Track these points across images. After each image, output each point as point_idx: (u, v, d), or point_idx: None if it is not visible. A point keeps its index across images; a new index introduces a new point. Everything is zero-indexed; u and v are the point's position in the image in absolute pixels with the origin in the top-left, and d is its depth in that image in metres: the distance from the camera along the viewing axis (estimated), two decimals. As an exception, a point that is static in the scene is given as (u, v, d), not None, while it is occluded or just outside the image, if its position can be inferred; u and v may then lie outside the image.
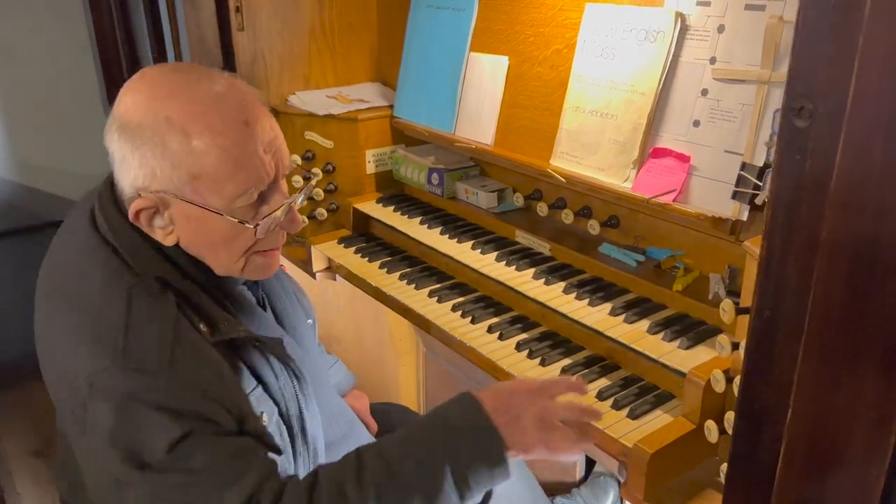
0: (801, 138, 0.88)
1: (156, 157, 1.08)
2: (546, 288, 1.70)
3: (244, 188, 1.11)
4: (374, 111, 2.31)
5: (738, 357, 1.20)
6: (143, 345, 1.05)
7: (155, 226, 1.15)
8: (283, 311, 1.39)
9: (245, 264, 1.21)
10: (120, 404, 1.02)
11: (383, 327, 2.98)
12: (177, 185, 1.10)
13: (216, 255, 1.19)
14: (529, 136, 1.83)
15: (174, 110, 1.08)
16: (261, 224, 1.16)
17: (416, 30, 2.19)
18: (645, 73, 1.55)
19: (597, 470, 2.36)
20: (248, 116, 1.12)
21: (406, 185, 2.33)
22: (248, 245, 1.19)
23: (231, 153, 1.09)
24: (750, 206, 1.38)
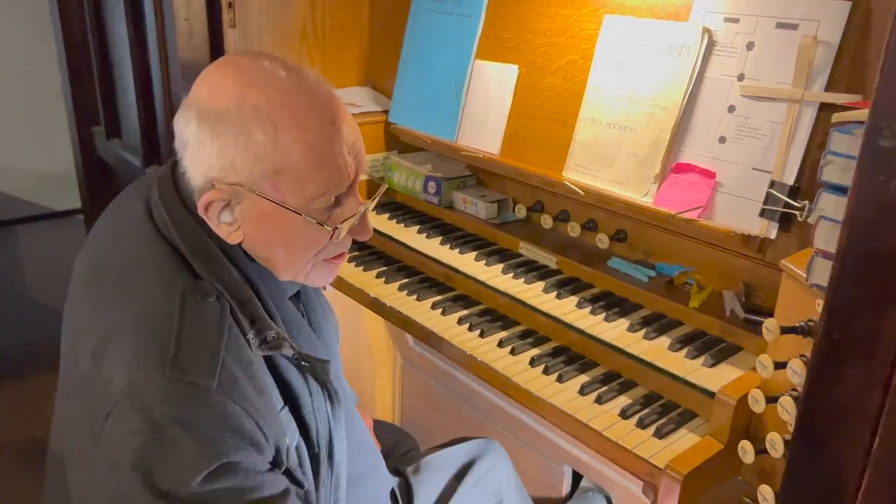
0: (886, 158, 0.87)
1: (238, 147, 1.01)
2: (558, 302, 1.67)
3: (325, 189, 1.04)
4: (367, 116, 2.24)
5: (781, 377, 1.19)
6: (194, 356, 0.96)
7: (221, 221, 1.07)
8: (319, 327, 1.30)
9: (311, 269, 1.14)
10: (157, 422, 0.92)
11: (361, 339, 2.90)
12: (256, 179, 1.03)
13: (285, 256, 1.10)
14: (539, 147, 1.80)
15: (262, 100, 1.01)
16: (340, 227, 1.08)
17: (417, 34, 2.14)
18: (668, 88, 1.54)
19: (584, 485, 2.33)
20: (335, 115, 1.05)
21: (399, 192, 2.27)
22: (318, 249, 1.11)
23: (316, 150, 1.02)
24: (779, 225, 1.38)
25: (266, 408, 1.01)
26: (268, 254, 1.11)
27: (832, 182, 1.09)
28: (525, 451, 2.31)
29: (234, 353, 0.99)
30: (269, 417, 1.01)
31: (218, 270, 1.05)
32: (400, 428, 1.91)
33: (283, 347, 1.06)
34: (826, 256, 1.11)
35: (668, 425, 1.39)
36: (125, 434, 0.93)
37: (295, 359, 1.10)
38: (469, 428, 2.54)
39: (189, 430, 0.92)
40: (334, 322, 1.43)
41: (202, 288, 1.03)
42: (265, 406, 1.01)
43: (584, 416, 1.43)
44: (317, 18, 2.33)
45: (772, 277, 1.53)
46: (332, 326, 1.38)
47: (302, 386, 1.12)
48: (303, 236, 1.08)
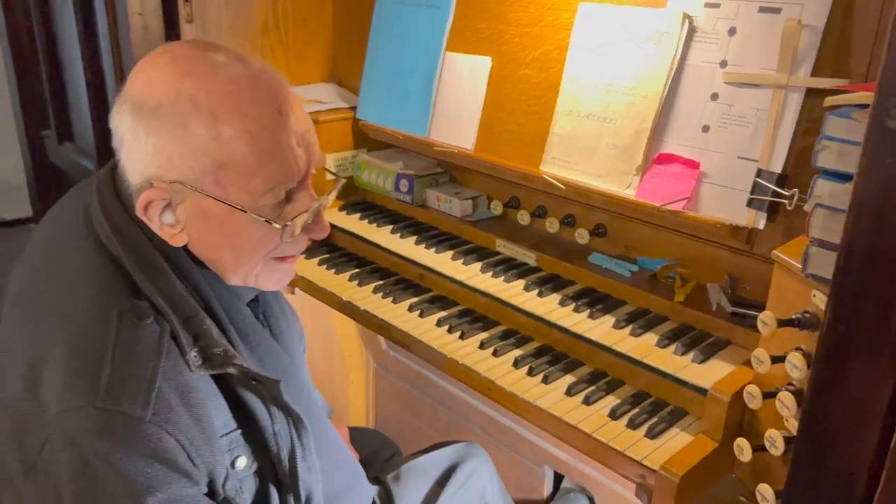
0: (894, 140, 0.83)
1: (176, 141, 0.94)
2: (540, 300, 1.61)
3: (273, 183, 0.97)
4: (333, 113, 2.16)
5: (776, 371, 1.15)
6: (128, 384, 0.90)
7: (164, 222, 1.00)
8: (281, 334, 1.23)
9: (261, 271, 1.06)
10: (86, 458, 0.87)
11: (333, 343, 2.82)
12: (197, 176, 0.96)
13: (232, 259, 1.03)
14: (516, 141, 1.74)
15: (201, 90, 0.94)
16: (289, 225, 1.00)
17: (383, 27, 2.07)
18: (648, 76, 1.49)
19: (565, 486, 2.29)
20: (281, 103, 0.97)
21: (369, 191, 2.19)
22: (269, 249, 1.03)
23: (261, 142, 0.95)
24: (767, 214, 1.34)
25: (202, 438, 0.94)
26: (214, 256, 1.03)
27: (828, 168, 1.05)
28: (504, 453, 2.26)
29: (172, 380, 0.93)
30: (204, 448, 0.94)
31: (161, 283, 0.98)
32: (381, 433, 1.84)
33: (229, 365, 0.98)
34: (822, 245, 1.07)
35: (659, 425, 1.35)
36: (59, 466, 0.89)
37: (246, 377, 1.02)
38: (447, 432, 2.48)
39: (117, 466, 0.87)
40: (299, 329, 1.35)
41: (139, 309, 0.96)
42: (201, 436, 0.94)
43: (573, 418, 1.37)
44: (279, 12, 2.24)
45: (757, 269, 1.50)
46: (296, 333, 1.30)
47: (260, 408, 1.03)
48: (251, 236, 1.00)
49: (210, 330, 1.00)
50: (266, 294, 1.22)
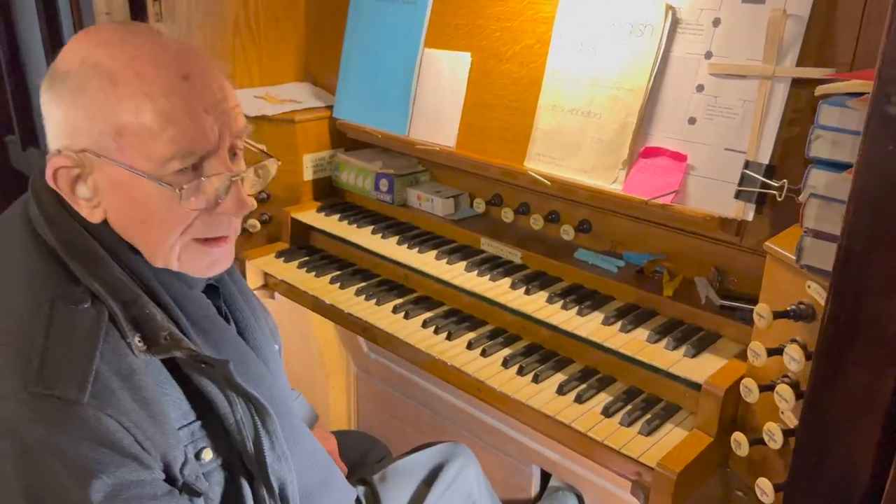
0: (895, 127, 0.82)
1: (77, 106, 0.94)
2: (528, 298, 1.59)
3: (175, 149, 0.94)
4: (309, 112, 2.12)
5: (772, 364, 1.14)
6: (62, 369, 0.90)
7: (79, 196, 0.99)
8: (247, 328, 1.20)
9: (182, 252, 1.02)
10: (26, 446, 0.86)
11: (312, 347, 2.77)
12: (98, 142, 0.95)
13: (148, 235, 1.00)
14: (498, 137, 1.72)
15: (105, 57, 0.94)
16: (186, 188, 0.96)
17: (359, 24, 2.03)
18: (632, 69, 1.48)
19: (553, 484, 2.27)
20: (189, 70, 0.95)
21: (348, 192, 2.15)
22: (185, 225, 1.00)
23: (160, 106, 0.93)
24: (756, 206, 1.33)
25: (150, 421, 0.93)
26: (131, 232, 1.01)
27: (822, 157, 1.04)
28: (491, 453, 2.24)
29: (112, 363, 0.92)
30: (154, 431, 0.92)
31: (98, 271, 0.97)
32: (370, 435, 1.81)
33: (175, 349, 0.96)
34: (817, 236, 1.06)
35: (653, 421, 1.33)
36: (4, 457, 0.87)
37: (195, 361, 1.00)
38: (431, 434, 2.44)
39: (57, 451, 0.86)
40: (272, 326, 1.32)
41: (74, 295, 0.95)
42: (149, 419, 0.92)
43: (566, 417, 1.35)
44: (250, 11, 2.19)
45: (744, 261, 1.49)
46: (267, 330, 1.27)
47: (217, 395, 1.01)
48: (160, 208, 0.98)
49: (153, 314, 0.98)
50: (228, 286, 1.20)
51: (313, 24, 2.30)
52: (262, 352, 1.22)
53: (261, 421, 1.06)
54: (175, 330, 0.99)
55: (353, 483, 1.44)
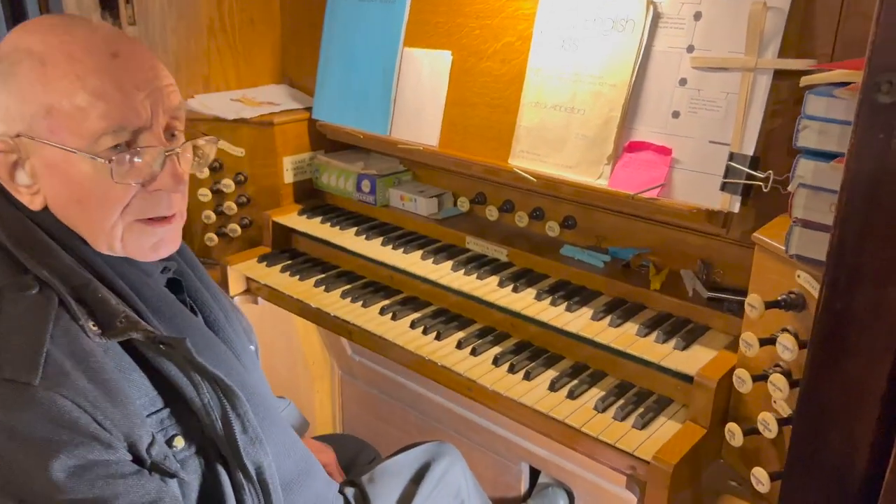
0: (886, 115, 0.82)
1: (9, 90, 0.96)
2: (517, 296, 1.58)
3: (106, 124, 0.95)
4: (287, 114, 2.09)
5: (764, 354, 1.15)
6: (12, 353, 0.90)
7: (18, 183, 1.00)
8: (216, 323, 1.19)
9: (125, 233, 1.02)
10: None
11: (296, 352, 2.74)
12: (31, 124, 0.96)
13: (86, 216, 1.00)
14: (482, 136, 1.71)
15: (37, 42, 0.96)
16: (119, 161, 0.97)
17: (337, 24, 2.01)
18: (615, 64, 1.48)
19: (542, 481, 2.27)
20: (118, 49, 0.97)
21: (329, 193, 2.13)
22: (122, 204, 1.00)
23: (89, 83, 0.95)
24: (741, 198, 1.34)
25: (109, 401, 0.92)
26: (70, 215, 1.01)
27: (809, 147, 1.05)
28: (479, 452, 2.23)
29: (64, 345, 0.92)
30: (114, 412, 0.92)
31: (46, 258, 0.98)
32: (358, 438, 1.79)
33: (132, 331, 0.96)
34: (806, 225, 1.07)
35: (646, 415, 1.33)
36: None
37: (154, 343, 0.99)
38: (418, 435, 2.43)
39: (13, 433, 0.87)
40: (246, 326, 1.31)
41: (21, 282, 0.96)
42: (107, 399, 0.92)
43: (559, 413, 1.35)
44: (224, 13, 2.16)
45: (729, 253, 1.50)
46: (240, 329, 1.26)
47: (181, 378, 1.01)
48: (96, 187, 0.98)
49: (107, 299, 0.98)
50: (192, 281, 1.20)
51: (289, 25, 2.28)
52: (233, 345, 1.21)
53: (229, 404, 1.05)
54: (131, 313, 0.99)
55: (343, 485, 1.42)
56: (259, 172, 2.09)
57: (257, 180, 2.09)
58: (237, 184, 2.08)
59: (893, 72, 0.80)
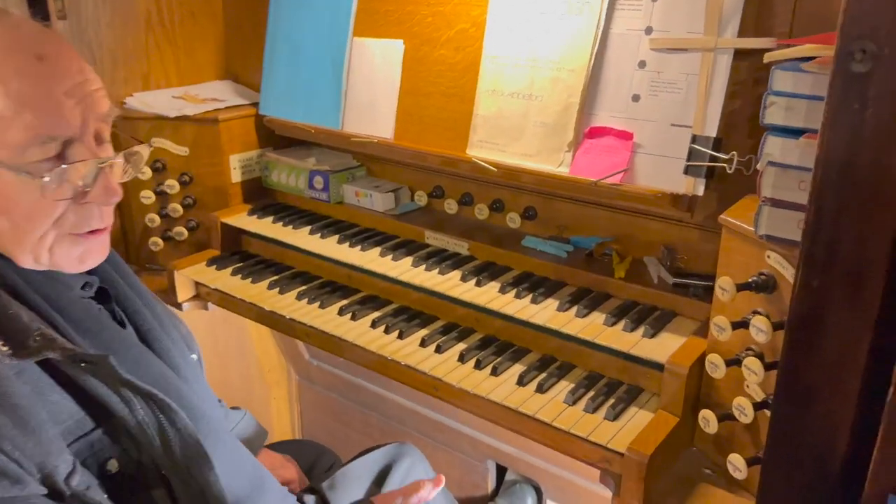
0: (860, 85, 0.80)
1: None
2: (480, 290, 1.54)
3: (32, 135, 0.88)
4: (233, 111, 2.01)
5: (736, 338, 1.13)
6: None
7: None
8: (148, 332, 1.11)
9: (54, 246, 0.95)
10: None
11: (250, 358, 2.65)
12: None
13: (12, 230, 0.93)
14: (437, 126, 1.66)
15: None
16: (49, 177, 0.90)
17: (282, 16, 1.93)
18: (572, 49, 1.45)
19: (509, 478, 2.24)
20: (44, 50, 0.90)
21: (280, 192, 2.05)
22: (53, 218, 0.93)
23: (13, 88, 0.87)
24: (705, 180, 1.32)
25: (17, 429, 0.84)
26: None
27: (777, 124, 1.02)
28: (444, 451, 2.18)
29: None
30: (23, 440, 0.84)
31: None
32: (317, 444, 1.72)
33: (49, 350, 0.88)
34: (776, 204, 1.05)
35: (617, 405, 1.30)
36: None
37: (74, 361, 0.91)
38: (381, 437, 2.37)
39: None
40: (185, 333, 1.23)
41: None
42: (15, 428, 0.84)
43: (529, 408, 1.31)
44: (163, 7, 2.06)
45: (692, 237, 1.49)
46: (177, 336, 1.18)
47: (112, 397, 0.93)
48: (23, 200, 0.91)
49: (18, 315, 0.90)
50: (121, 289, 1.12)
51: (232, 18, 2.19)
52: (170, 356, 1.13)
53: (167, 419, 0.98)
54: (48, 330, 0.91)
55: (302, 492, 1.36)
56: (205, 172, 1.99)
57: (203, 180, 2.00)
58: (182, 185, 1.99)
59: (867, 39, 0.78)
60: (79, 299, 1.02)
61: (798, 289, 0.90)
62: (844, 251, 0.85)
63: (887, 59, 0.76)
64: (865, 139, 0.80)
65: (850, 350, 0.87)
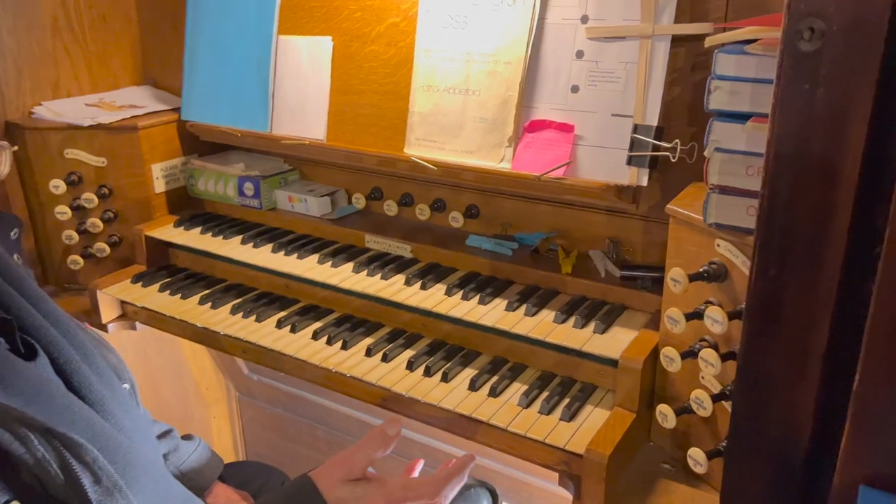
0: (809, 63, 0.78)
1: None
2: (426, 293, 1.48)
3: None
4: (153, 117, 1.89)
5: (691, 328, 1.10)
6: None
7: None
8: (68, 361, 1.00)
9: None
10: None
11: (186, 378, 2.53)
12: None
13: None
14: (373, 125, 1.59)
15: None
16: None
17: (201, 17, 1.83)
18: (507, 41, 1.40)
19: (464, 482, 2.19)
20: None
21: (208, 201, 1.95)
22: None
23: None
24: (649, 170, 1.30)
25: None
26: None
27: (722, 109, 1.00)
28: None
29: None
30: None
31: None
32: (263, 464, 1.63)
33: None
34: (724, 192, 1.03)
35: (573, 405, 1.27)
36: None
37: None
38: (329, 451, 2.29)
39: None
40: (116, 362, 1.12)
41: None
42: None
43: (483, 414, 1.26)
44: (70, 10, 1.93)
45: (636, 229, 1.47)
46: (105, 365, 1.08)
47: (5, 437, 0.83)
48: None
49: None
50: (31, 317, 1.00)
51: (148, 20, 2.07)
52: (91, 388, 1.02)
53: (71, 454, 0.88)
54: None
55: None
56: (125, 183, 1.87)
57: (124, 192, 1.88)
58: (101, 198, 1.86)
59: (816, 17, 0.75)
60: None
61: (755, 277, 0.87)
62: (801, 236, 0.83)
63: (837, 37, 0.74)
64: (817, 120, 0.78)
65: (811, 337, 0.85)
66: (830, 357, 0.86)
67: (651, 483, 1.22)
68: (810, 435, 0.90)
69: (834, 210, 0.80)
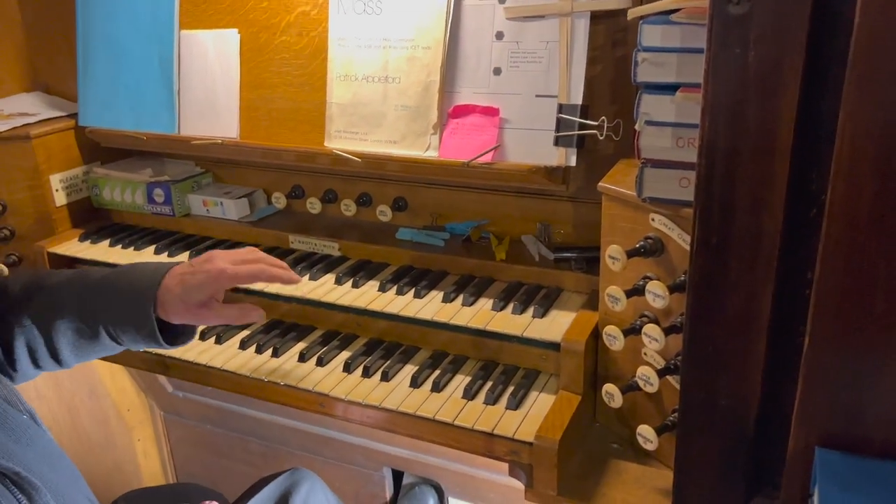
0: (740, 26, 0.77)
1: None
2: (358, 291, 1.42)
3: None
4: (49, 124, 1.76)
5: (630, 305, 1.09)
6: None
7: None
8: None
9: None
10: None
11: (104, 401, 2.37)
12: None
13: None
14: (289, 119, 1.52)
15: None
16: None
17: (93, 15, 1.70)
18: (425, 25, 1.36)
19: (407, 481, 2.15)
20: None
21: (115, 211, 1.82)
22: None
23: None
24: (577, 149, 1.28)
25: None
26: None
27: (650, 81, 0.99)
28: (336, 467, 2.05)
29: None
30: None
31: None
32: (197, 485, 1.54)
33: None
34: (656, 165, 1.02)
35: (517, 392, 1.24)
36: None
37: None
38: (265, 465, 2.20)
39: None
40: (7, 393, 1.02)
41: None
42: None
43: (427, 410, 1.22)
44: (-57, 12, 1.76)
45: (565, 210, 1.46)
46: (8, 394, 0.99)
47: None
48: None
49: None
50: None
51: (34, 22, 1.91)
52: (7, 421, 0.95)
53: (27, 498, 0.85)
54: None
55: None
56: (21, 198, 1.73)
57: (21, 207, 1.73)
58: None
59: (742, -20, 0.75)
60: None
61: (696, 248, 0.87)
62: (740, 204, 0.82)
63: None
64: (751, 83, 0.77)
65: (754, 306, 0.85)
66: (775, 322, 0.86)
67: (601, 464, 1.21)
68: (759, 401, 0.90)
69: (771, 175, 0.80)
